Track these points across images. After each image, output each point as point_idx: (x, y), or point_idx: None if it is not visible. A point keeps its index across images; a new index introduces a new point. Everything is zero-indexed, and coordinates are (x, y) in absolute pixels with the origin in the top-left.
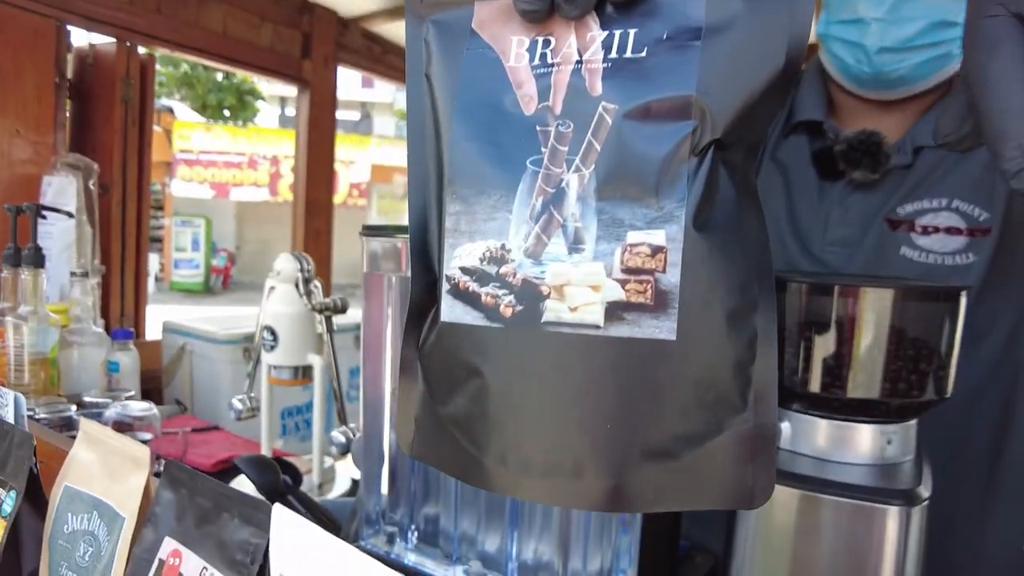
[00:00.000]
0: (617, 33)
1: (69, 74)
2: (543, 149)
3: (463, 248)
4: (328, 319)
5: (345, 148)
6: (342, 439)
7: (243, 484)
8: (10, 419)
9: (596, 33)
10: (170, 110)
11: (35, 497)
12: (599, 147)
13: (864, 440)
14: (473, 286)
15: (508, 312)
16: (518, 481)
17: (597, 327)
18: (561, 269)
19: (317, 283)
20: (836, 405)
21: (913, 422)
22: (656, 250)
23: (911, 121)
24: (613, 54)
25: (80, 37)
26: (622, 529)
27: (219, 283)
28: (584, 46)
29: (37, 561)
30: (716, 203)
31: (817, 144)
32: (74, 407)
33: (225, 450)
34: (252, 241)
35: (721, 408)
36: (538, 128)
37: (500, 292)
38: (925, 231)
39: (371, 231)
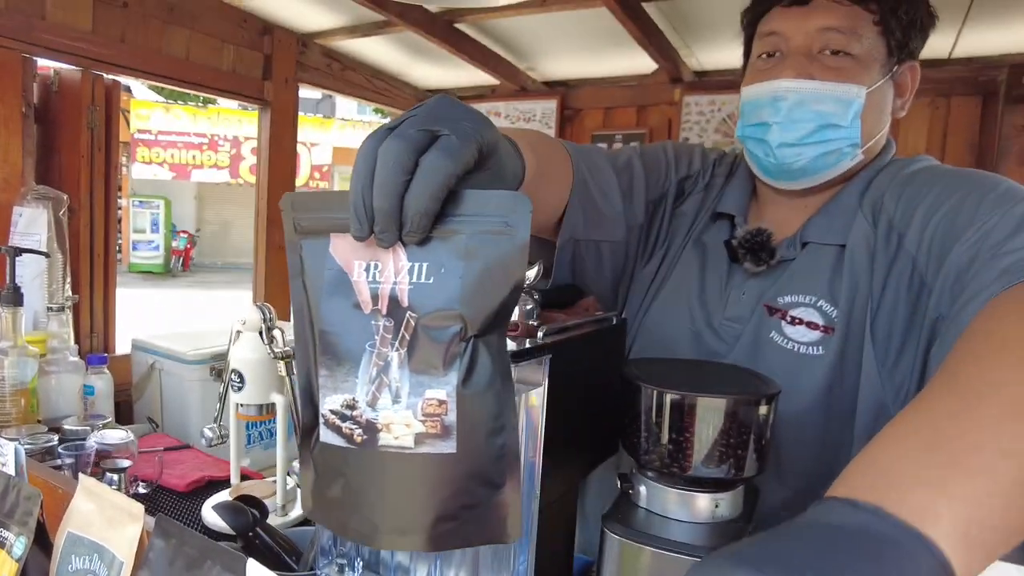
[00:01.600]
0: (416, 264)
1: (34, 100)
2: (376, 336)
3: (330, 398)
4: (288, 364)
5: (307, 129)
6: None
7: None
8: (11, 470)
9: (403, 263)
10: (127, 89)
11: (41, 541)
12: (408, 337)
13: (700, 503)
14: (337, 422)
15: (359, 439)
16: (372, 537)
17: (410, 448)
18: (387, 414)
19: (279, 330)
20: (678, 477)
21: (740, 488)
22: (441, 402)
23: (809, 213)
24: (414, 279)
25: (44, 62)
26: (520, 553)
27: (179, 265)
28: (397, 271)
29: None
30: (477, 370)
31: (731, 233)
32: (55, 437)
33: (197, 470)
34: (213, 223)
35: (485, 488)
36: (372, 323)
37: (353, 427)
38: (793, 321)
39: None
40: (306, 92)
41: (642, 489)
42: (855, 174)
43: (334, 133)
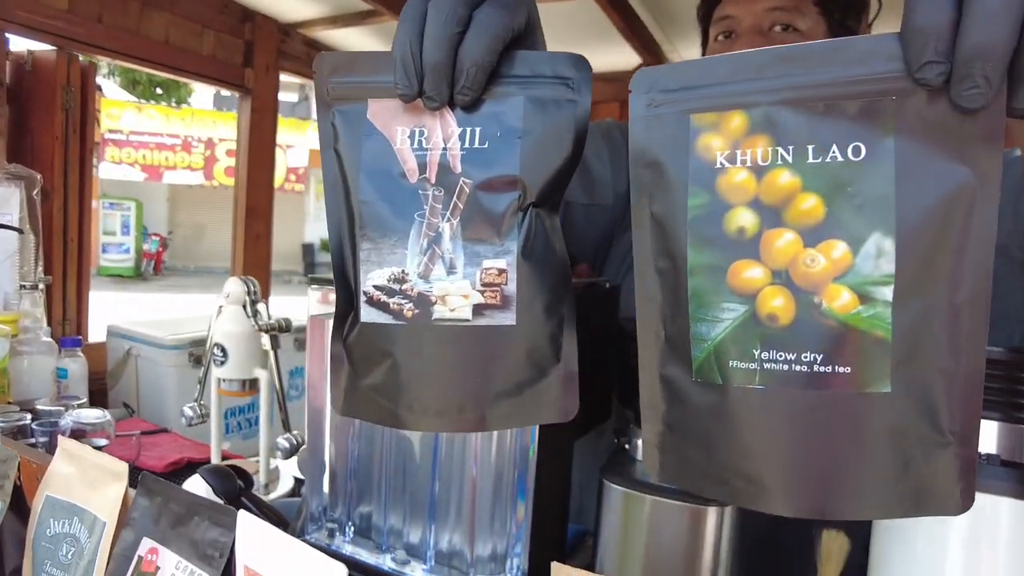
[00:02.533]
0: (468, 129)
1: (7, 79)
2: (424, 207)
3: (374, 273)
4: (273, 337)
5: (283, 132)
6: (287, 444)
7: (196, 484)
8: None
9: (454, 128)
10: (97, 87)
11: (18, 505)
12: (462, 207)
13: None
14: (383, 297)
15: (409, 314)
16: (420, 419)
17: (468, 320)
18: (442, 285)
19: (263, 304)
20: None
21: None
22: (501, 271)
23: None
24: (467, 144)
25: (19, 42)
26: (515, 519)
27: (150, 268)
28: (447, 137)
29: (17, 561)
30: (534, 240)
31: None
32: (28, 415)
33: (175, 452)
34: (185, 225)
35: (543, 362)
36: (420, 192)
37: (403, 301)
38: None
39: (317, 282)
40: (283, 96)
41: (638, 442)
42: None
43: (310, 136)
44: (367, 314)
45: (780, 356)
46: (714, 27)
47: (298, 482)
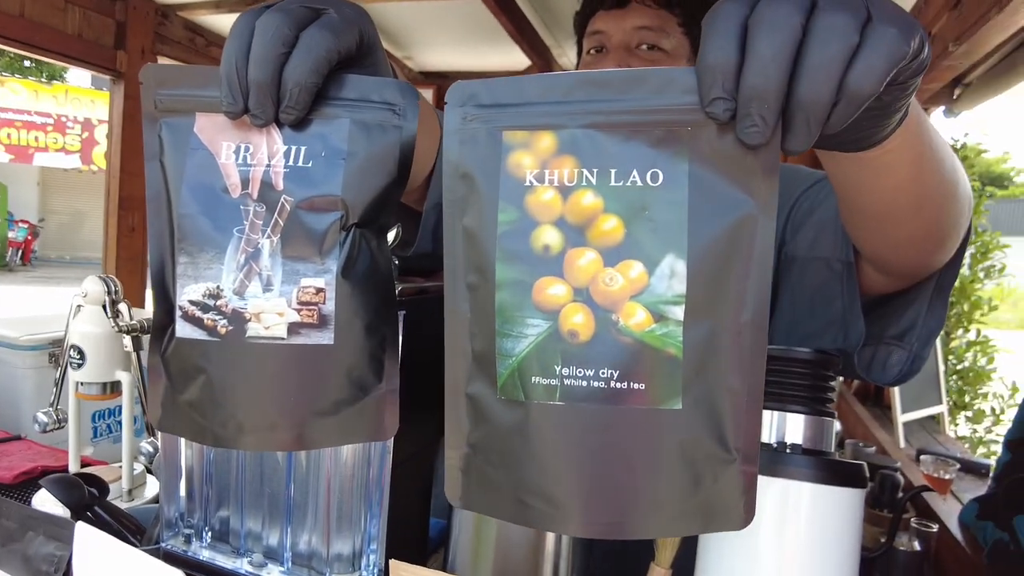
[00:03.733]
0: (293, 148)
1: None
2: (244, 222)
3: (190, 287)
4: (136, 339)
5: None
6: (150, 448)
7: (46, 495)
8: None
9: (279, 146)
10: None
11: None
12: (283, 223)
13: None
14: (198, 313)
15: (223, 331)
16: (235, 437)
17: (283, 339)
18: (257, 303)
19: (124, 304)
20: None
21: None
22: (319, 290)
23: None
24: (291, 162)
25: None
26: (370, 517)
27: (17, 258)
28: (272, 154)
29: None
30: (357, 260)
31: None
32: None
33: (28, 461)
34: (60, 212)
35: (363, 382)
36: (241, 207)
37: (217, 317)
38: None
39: None
40: None
41: None
42: None
43: None
44: (182, 329)
45: (579, 372)
46: (587, 40)
47: None
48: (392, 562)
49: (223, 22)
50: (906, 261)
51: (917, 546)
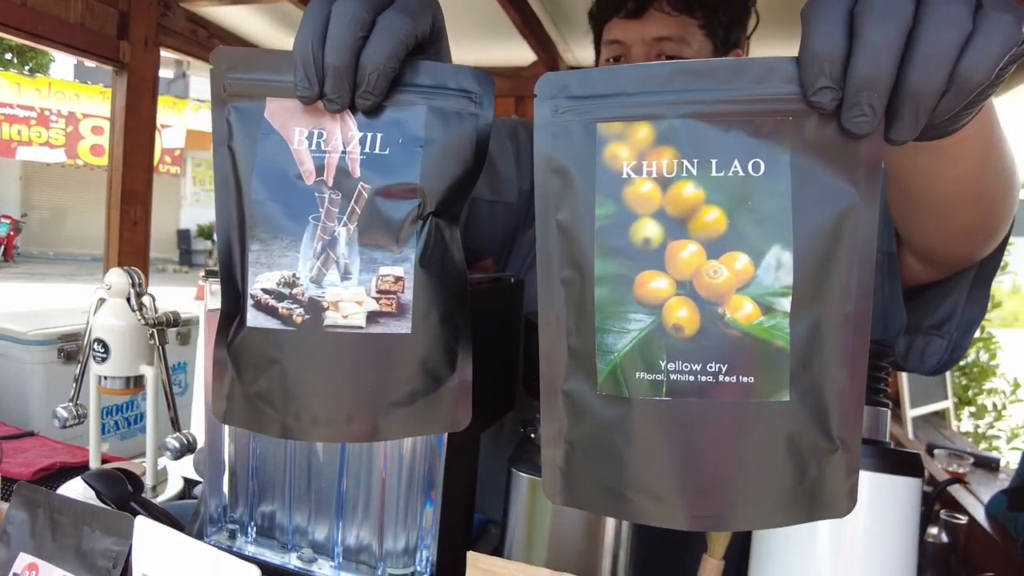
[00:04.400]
0: (369, 135)
1: None
2: (320, 209)
3: (263, 275)
4: (161, 332)
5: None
6: (176, 444)
7: (73, 490)
8: None
9: (355, 133)
10: None
11: None
12: (359, 211)
13: None
14: (272, 302)
15: (299, 320)
16: (307, 429)
17: (361, 328)
18: (336, 291)
19: (149, 296)
20: None
21: None
22: (398, 279)
23: None
24: (367, 149)
25: None
26: (424, 513)
27: (0, 254)
28: (347, 140)
29: None
30: (433, 249)
31: None
32: None
33: (44, 457)
34: (43, 208)
35: (437, 372)
36: (316, 195)
37: (293, 306)
38: None
39: (213, 275)
40: (163, 71)
41: None
42: None
43: (188, 115)
44: (254, 319)
45: (686, 367)
46: (605, 48)
47: (187, 483)
48: (471, 554)
49: (225, 14)
50: (954, 251)
51: (945, 538)
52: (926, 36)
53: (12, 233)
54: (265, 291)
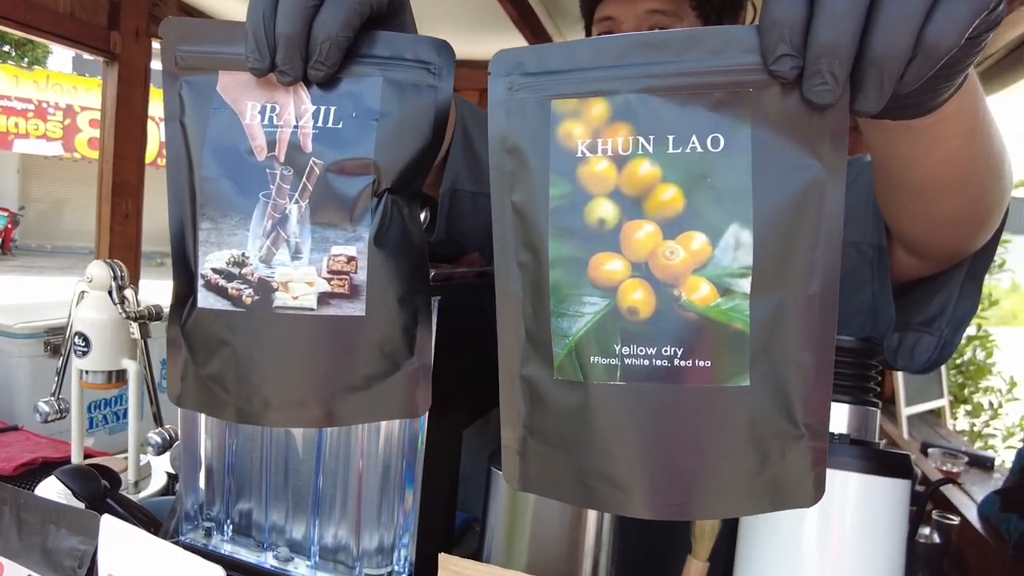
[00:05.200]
0: (322, 108)
1: None
2: (271, 186)
3: (213, 255)
4: (143, 326)
5: (154, 104)
6: (159, 440)
7: (51, 488)
8: None
9: (308, 106)
10: None
11: None
12: (311, 188)
13: None
14: (222, 282)
15: (248, 300)
16: (261, 413)
17: (312, 309)
18: (286, 271)
19: (131, 290)
20: None
21: None
22: (351, 258)
23: None
24: (320, 123)
25: None
26: (402, 510)
27: None
28: (300, 114)
29: None
30: (389, 228)
31: None
32: None
33: (28, 452)
34: (41, 201)
35: (395, 356)
36: (267, 171)
37: (242, 287)
38: None
39: None
40: (155, 63)
41: None
42: None
43: None
44: (204, 299)
45: (640, 351)
46: (596, 27)
47: (171, 478)
48: (442, 556)
49: (217, 4)
50: (944, 242)
51: (937, 539)
52: (889, 0)
53: (10, 226)
54: (215, 271)
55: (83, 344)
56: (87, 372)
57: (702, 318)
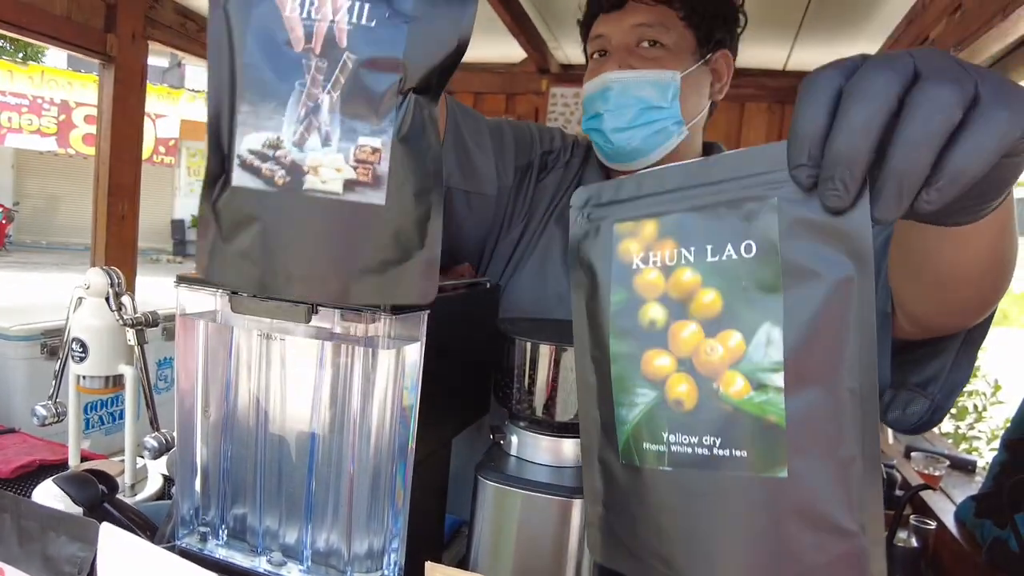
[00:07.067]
0: (357, 5)
1: None
2: (306, 76)
3: (250, 136)
4: (140, 332)
5: (152, 100)
6: (155, 444)
7: (48, 492)
8: None
9: (343, 2)
10: None
11: None
12: (343, 81)
13: (565, 448)
14: (256, 162)
15: (281, 181)
16: (284, 285)
17: (338, 194)
18: (316, 156)
19: (128, 296)
20: (546, 424)
21: None
22: (375, 150)
23: None
24: (354, 19)
25: None
26: (392, 516)
27: None
28: (336, 9)
29: None
30: (411, 125)
31: None
32: None
33: (25, 454)
34: (36, 196)
35: (408, 245)
36: (303, 62)
37: (275, 168)
38: None
39: (185, 281)
40: (152, 60)
41: (513, 438)
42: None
43: (183, 105)
44: (239, 178)
45: (684, 439)
46: (590, 44)
47: (167, 481)
48: (428, 564)
49: None
50: (949, 323)
51: (915, 543)
52: (909, 120)
53: (4, 221)
54: (251, 151)
55: (81, 350)
56: (84, 377)
57: (737, 410)
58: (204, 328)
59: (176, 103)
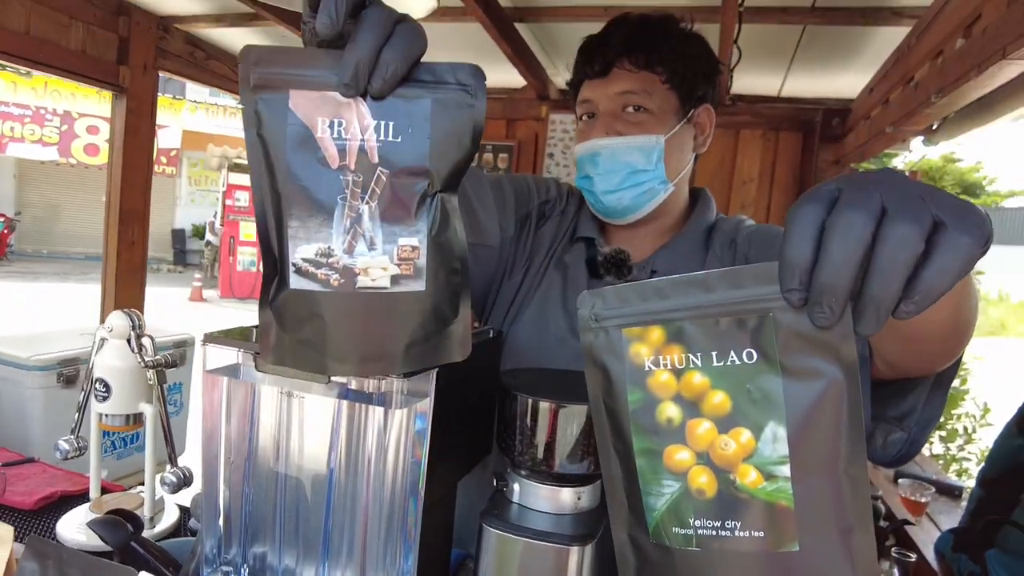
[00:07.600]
0: (382, 123)
1: None
2: (345, 190)
3: (303, 247)
4: (160, 372)
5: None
6: (174, 479)
7: (70, 525)
8: None
9: (369, 121)
10: None
11: None
12: (379, 192)
13: (564, 496)
14: (312, 269)
15: (336, 283)
16: (344, 366)
17: (386, 288)
18: (365, 260)
19: (148, 338)
20: (546, 474)
21: (598, 482)
22: (414, 248)
23: (653, 242)
24: (382, 136)
25: None
26: (403, 553)
27: None
28: (363, 129)
29: None
30: (440, 221)
31: (589, 253)
32: None
33: (46, 485)
34: (37, 205)
35: (445, 317)
36: (340, 177)
37: (330, 272)
38: None
39: (213, 339)
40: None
41: (515, 486)
42: (685, 214)
43: (184, 116)
44: (296, 282)
45: (709, 523)
46: (579, 107)
47: (183, 511)
48: None
49: (221, 36)
50: (919, 366)
51: (896, 574)
52: (880, 255)
53: (6, 231)
54: (305, 260)
55: (104, 389)
56: (106, 415)
57: (752, 498)
58: (227, 385)
59: (178, 114)
